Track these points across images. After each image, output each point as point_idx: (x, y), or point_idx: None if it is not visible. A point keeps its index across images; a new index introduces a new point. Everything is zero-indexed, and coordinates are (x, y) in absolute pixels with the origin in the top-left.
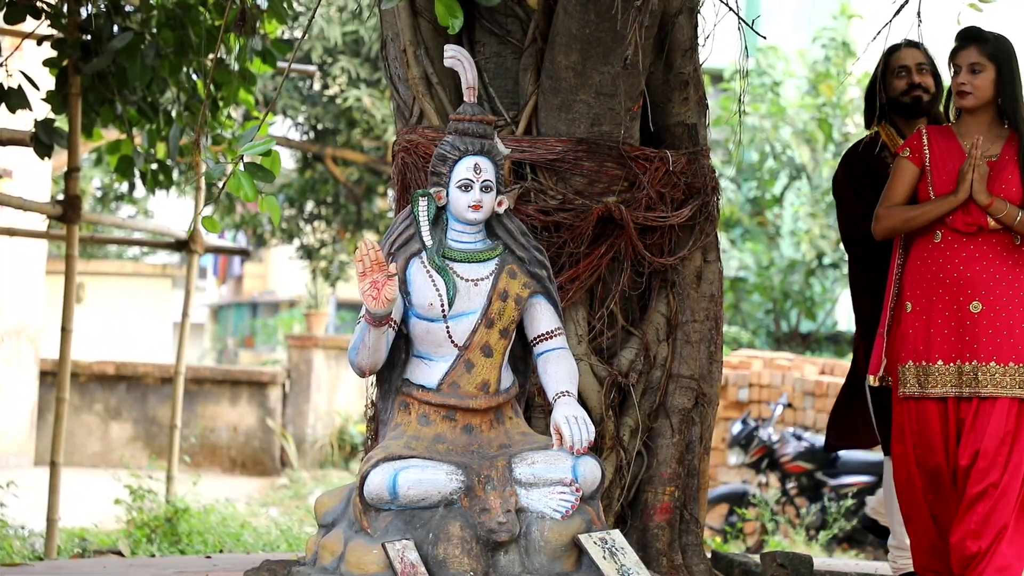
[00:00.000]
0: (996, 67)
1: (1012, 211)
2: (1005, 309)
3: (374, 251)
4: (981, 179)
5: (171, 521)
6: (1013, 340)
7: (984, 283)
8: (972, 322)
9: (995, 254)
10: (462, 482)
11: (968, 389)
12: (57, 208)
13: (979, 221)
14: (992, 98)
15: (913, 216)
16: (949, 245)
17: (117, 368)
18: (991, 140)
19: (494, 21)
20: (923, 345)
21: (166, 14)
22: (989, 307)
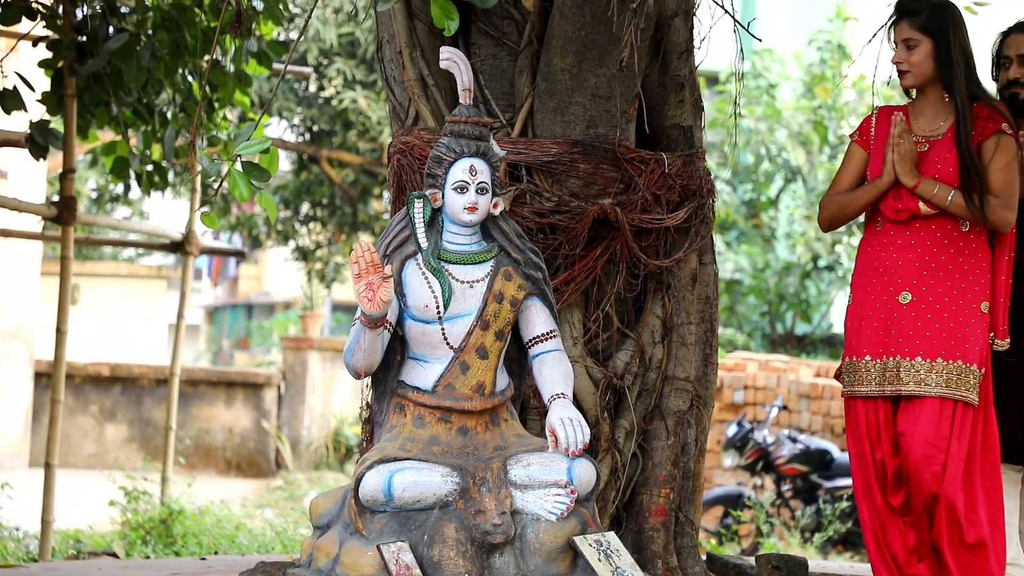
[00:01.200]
0: (931, 39)
1: (942, 191)
2: (939, 301)
3: (370, 253)
4: (901, 159)
5: (166, 523)
6: (945, 334)
7: (916, 273)
8: (899, 314)
9: (933, 242)
10: (457, 484)
11: (890, 387)
12: (52, 209)
13: (910, 206)
14: (934, 73)
15: (845, 204)
16: (886, 233)
17: (112, 369)
18: (939, 118)
19: (490, 23)
20: (855, 339)
21: (162, 15)
22: (920, 298)
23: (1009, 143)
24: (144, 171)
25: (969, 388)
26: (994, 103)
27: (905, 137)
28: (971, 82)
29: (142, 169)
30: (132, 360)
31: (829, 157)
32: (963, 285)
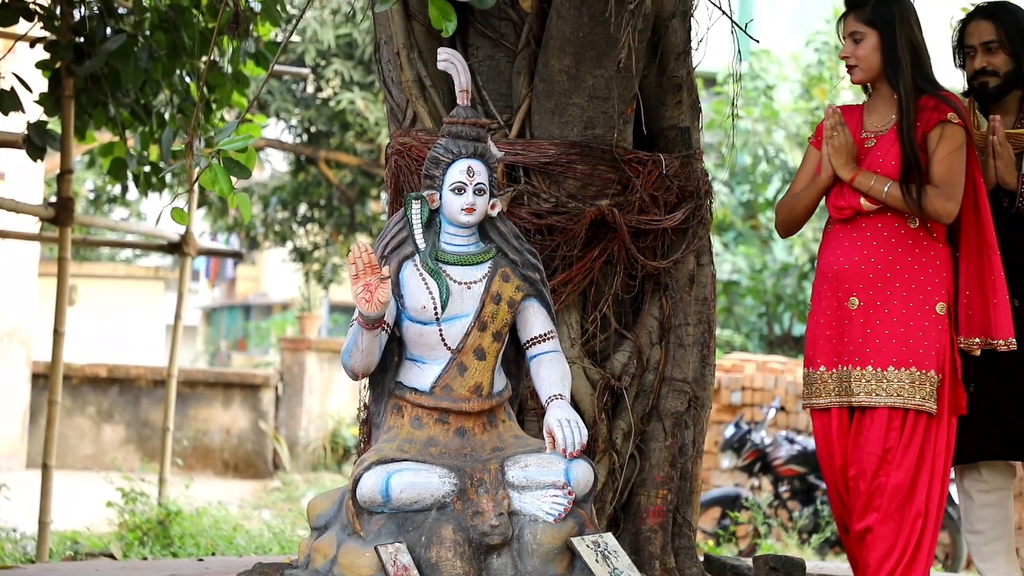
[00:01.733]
0: (877, 32)
1: (878, 184)
2: (888, 304)
3: (367, 254)
4: (836, 152)
5: (163, 524)
6: (896, 341)
7: (863, 276)
8: (850, 321)
9: (880, 241)
10: (455, 485)
11: (843, 398)
12: (49, 210)
13: (852, 203)
14: (881, 66)
15: (793, 205)
16: (835, 235)
17: (109, 371)
18: (890, 112)
19: (488, 24)
20: (812, 350)
21: (159, 16)
22: (868, 303)
23: (954, 132)
24: (141, 172)
25: (925, 396)
26: (943, 94)
27: (839, 130)
28: (918, 74)
29: (139, 170)
30: (129, 361)
31: None
32: (913, 286)
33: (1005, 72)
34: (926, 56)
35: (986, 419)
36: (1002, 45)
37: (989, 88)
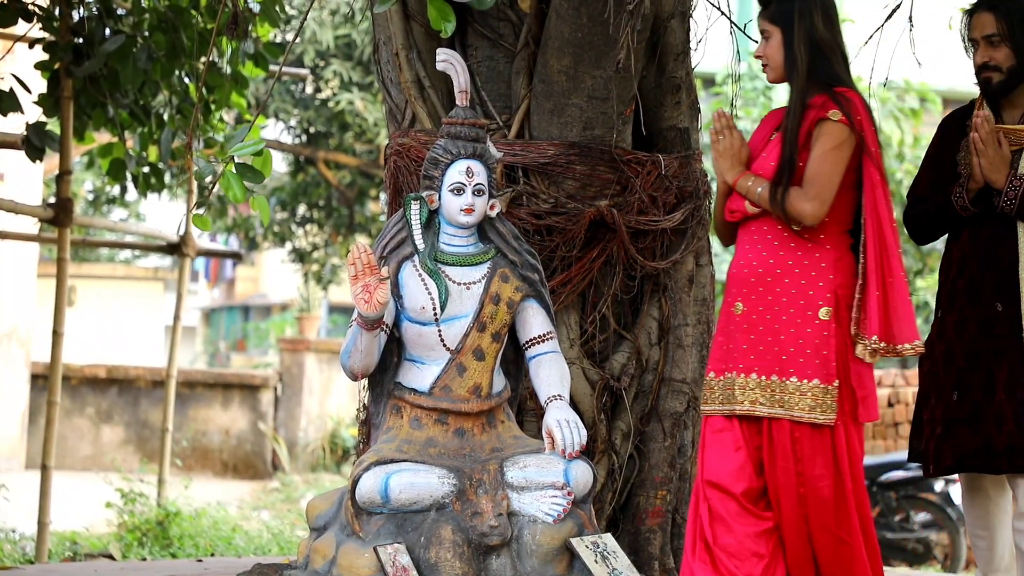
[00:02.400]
0: (780, 30)
1: (755, 185)
2: (770, 310)
3: (366, 254)
4: (721, 156)
5: (162, 525)
6: (777, 348)
7: (746, 280)
8: (734, 327)
9: (764, 245)
10: (454, 486)
11: (724, 405)
12: (48, 211)
13: (739, 207)
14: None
15: (716, 213)
16: (736, 240)
17: (108, 371)
18: None
19: (486, 25)
20: (710, 356)
21: (158, 17)
22: (751, 308)
23: (831, 130)
24: (140, 173)
25: (813, 407)
26: (836, 91)
27: (725, 133)
28: (820, 71)
29: (138, 171)
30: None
31: None
32: (794, 291)
33: (1008, 67)
34: (834, 52)
35: (966, 429)
36: (1004, 38)
37: (993, 84)
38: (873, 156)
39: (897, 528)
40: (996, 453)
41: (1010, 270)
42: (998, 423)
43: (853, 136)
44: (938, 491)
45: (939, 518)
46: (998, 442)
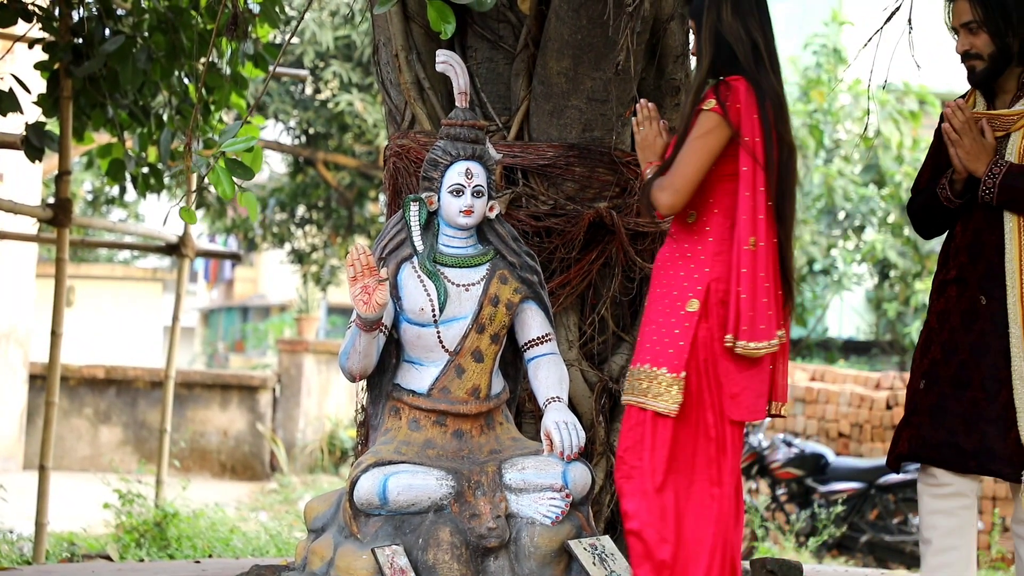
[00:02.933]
0: (694, 23)
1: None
2: (655, 300)
3: (365, 256)
4: (639, 145)
5: (160, 526)
6: (647, 337)
7: (653, 270)
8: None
9: (667, 237)
10: (452, 487)
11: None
12: (47, 211)
13: None
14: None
15: None
16: None
17: (107, 372)
18: None
19: (486, 26)
20: None
21: (158, 18)
22: (648, 298)
23: (702, 120)
24: (139, 173)
25: (658, 394)
26: (721, 82)
27: (645, 124)
28: (718, 62)
29: (138, 171)
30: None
31: (825, 161)
32: (673, 282)
33: (989, 53)
34: (741, 42)
35: (927, 419)
36: (981, 24)
37: (977, 72)
38: (747, 146)
39: (895, 531)
40: (964, 451)
41: (997, 262)
42: (969, 420)
43: (724, 125)
44: None
45: None
46: (968, 440)
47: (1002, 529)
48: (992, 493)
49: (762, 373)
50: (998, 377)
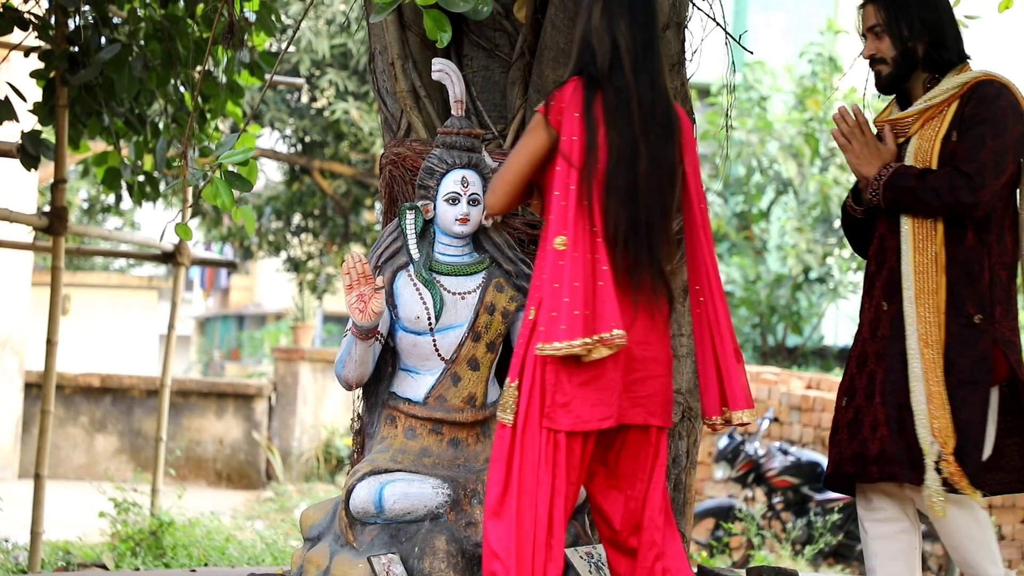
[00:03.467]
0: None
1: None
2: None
3: (361, 264)
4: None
5: (156, 534)
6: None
7: None
8: None
9: None
10: (448, 496)
11: None
12: (43, 220)
13: None
14: None
15: None
16: None
17: (102, 380)
18: None
19: (482, 35)
20: None
21: (154, 26)
22: None
23: (530, 121)
24: (135, 182)
25: (505, 407)
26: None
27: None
28: (583, 65)
29: (133, 180)
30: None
31: (820, 169)
32: (528, 290)
33: (892, 57)
34: (602, 45)
35: (846, 435)
36: (884, 29)
37: (882, 77)
38: (564, 145)
39: None
40: (867, 459)
41: (897, 266)
42: (873, 428)
43: (543, 125)
44: None
45: (932, 529)
46: (871, 447)
47: (999, 537)
48: (988, 502)
49: (603, 380)
50: (894, 380)
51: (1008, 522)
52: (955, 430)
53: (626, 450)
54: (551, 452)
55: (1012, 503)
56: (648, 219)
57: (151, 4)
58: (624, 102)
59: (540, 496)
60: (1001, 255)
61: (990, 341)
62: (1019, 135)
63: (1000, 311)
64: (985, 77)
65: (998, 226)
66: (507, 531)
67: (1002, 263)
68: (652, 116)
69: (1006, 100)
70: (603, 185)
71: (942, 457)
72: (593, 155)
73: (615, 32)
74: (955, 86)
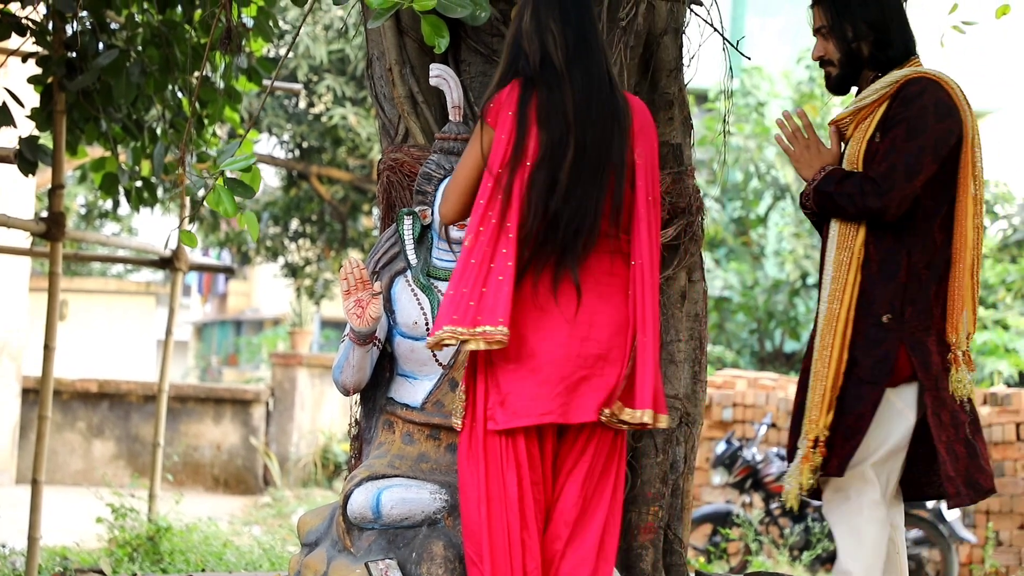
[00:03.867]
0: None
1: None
2: None
3: (359, 269)
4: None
5: (153, 540)
6: None
7: None
8: None
9: None
10: (446, 501)
11: None
12: (41, 225)
13: None
14: None
15: None
16: None
17: (100, 386)
18: None
19: (480, 40)
20: None
21: (151, 32)
22: None
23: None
24: (133, 187)
25: (455, 411)
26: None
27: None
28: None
29: (131, 185)
30: (120, 376)
31: None
32: None
33: (838, 58)
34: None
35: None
36: (830, 30)
37: (831, 78)
38: (497, 144)
39: None
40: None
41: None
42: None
43: (484, 129)
44: (929, 508)
45: (931, 535)
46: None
47: (995, 543)
48: (986, 507)
49: (540, 376)
50: (805, 377)
51: (1006, 528)
52: (834, 422)
53: (563, 445)
54: (509, 452)
55: (1010, 509)
56: (571, 213)
57: (149, 9)
58: (557, 97)
59: (508, 496)
60: (925, 254)
61: (896, 341)
62: (941, 133)
63: (911, 311)
64: (914, 75)
65: (926, 225)
66: (479, 534)
67: (925, 262)
68: (587, 107)
69: (929, 98)
70: (526, 181)
71: (818, 444)
72: (521, 152)
73: (543, 33)
74: (886, 85)
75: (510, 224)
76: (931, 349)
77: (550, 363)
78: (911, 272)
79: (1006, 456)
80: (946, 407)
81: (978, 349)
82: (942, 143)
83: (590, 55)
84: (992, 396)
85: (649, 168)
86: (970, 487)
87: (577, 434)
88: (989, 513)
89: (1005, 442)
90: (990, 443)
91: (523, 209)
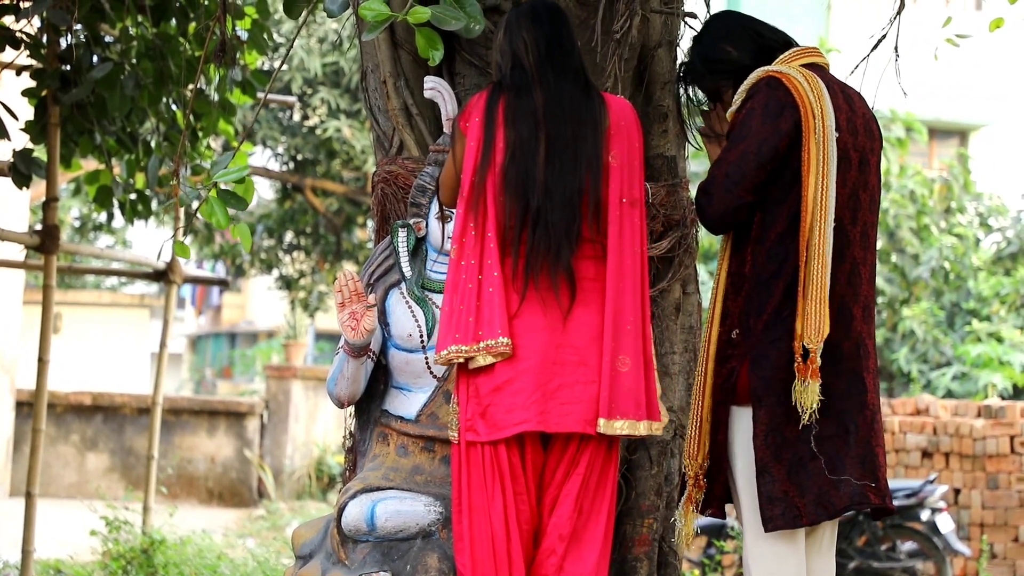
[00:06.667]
0: None
1: None
2: None
3: (353, 282)
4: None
5: (147, 553)
6: None
7: None
8: None
9: None
10: (440, 514)
11: None
12: (35, 238)
13: None
14: None
15: None
16: None
17: (94, 399)
18: None
19: (474, 53)
20: None
21: (146, 44)
22: None
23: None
24: (127, 200)
25: (450, 425)
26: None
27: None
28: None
29: (125, 198)
30: (114, 389)
31: None
32: None
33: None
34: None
35: None
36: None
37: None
38: (468, 151)
39: (883, 557)
40: None
41: None
42: None
43: (459, 137)
44: (924, 520)
45: (925, 547)
46: None
47: (990, 556)
48: (980, 520)
49: (515, 385)
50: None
51: (1000, 540)
52: (709, 452)
53: (551, 456)
54: (491, 463)
55: (1004, 521)
56: (548, 211)
57: (143, 23)
58: (525, 98)
59: (493, 509)
60: (771, 263)
61: (742, 357)
62: (767, 135)
63: (763, 324)
64: (757, 77)
65: (769, 232)
66: (466, 548)
67: (771, 272)
68: (558, 106)
69: (758, 100)
70: (498, 182)
71: (698, 479)
72: (489, 155)
73: (515, 43)
74: (741, 92)
75: (490, 234)
76: (776, 364)
77: (527, 370)
78: (756, 283)
79: (1000, 469)
80: (791, 422)
81: (972, 362)
82: (767, 145)
83: (564, 58)
84: (986, 409)
85: (625, 169)
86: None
87: (566, 445)
88: (984, 526)
89: (999, 455)
90: (984, 456)
91: (498, 211)
